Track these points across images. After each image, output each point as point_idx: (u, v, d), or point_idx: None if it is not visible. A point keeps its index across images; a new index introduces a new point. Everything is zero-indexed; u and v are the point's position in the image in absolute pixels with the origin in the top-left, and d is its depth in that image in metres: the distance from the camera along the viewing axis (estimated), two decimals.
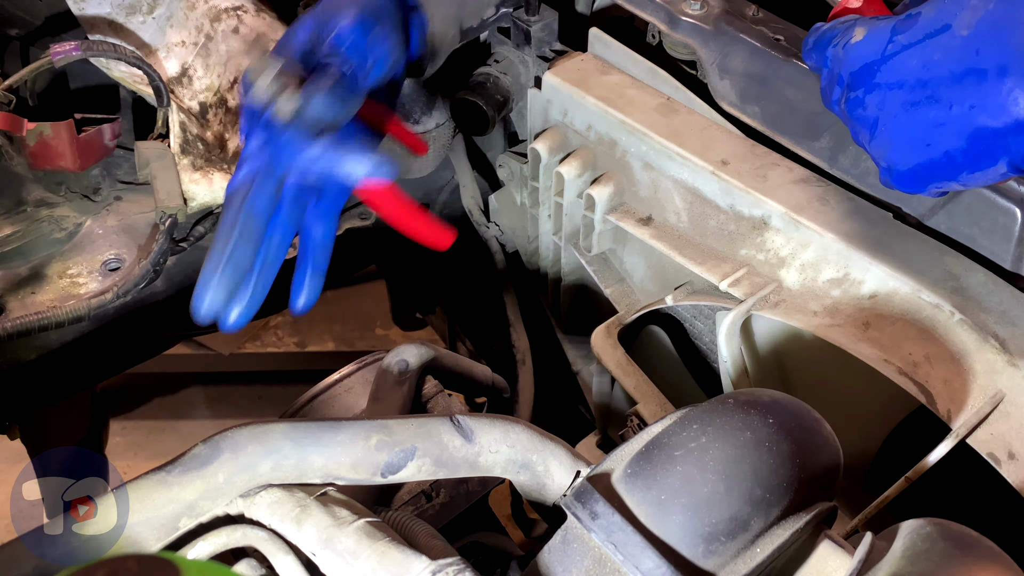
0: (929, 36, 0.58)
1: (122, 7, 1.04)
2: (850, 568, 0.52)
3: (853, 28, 0.65)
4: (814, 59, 0.71)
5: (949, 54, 0.57)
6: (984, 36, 0.56)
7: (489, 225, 1.27)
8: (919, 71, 0.59)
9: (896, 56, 0.60)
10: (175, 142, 1.04)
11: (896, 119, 0.61)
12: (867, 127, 0.64)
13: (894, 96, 0.61)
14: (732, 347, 0.87)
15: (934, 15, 0.59)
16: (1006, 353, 0.70)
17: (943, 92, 0.58)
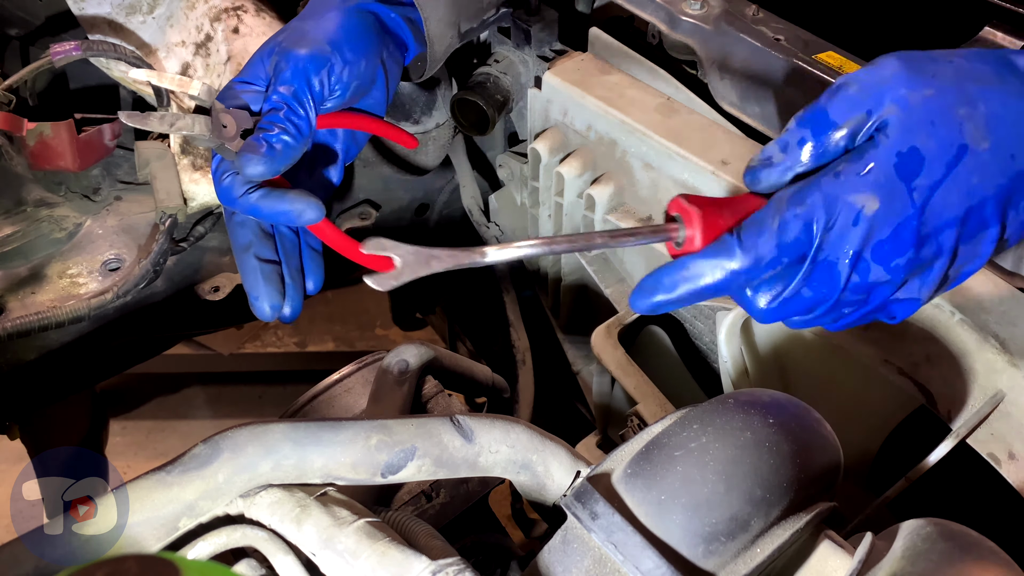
0: (951, 166, 0.53)
1: (122, 7, 1.04)
2: (850, 568, 0.52)
3: (844, 202, 0.53)
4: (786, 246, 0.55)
5: (987, 171, 0.53)
6: (1007, 141, 0.53)
7: (489, 225, 1.27)
8: (964, 202, 0.53)
9: (931, 200, 0.53)
10: (175, 142, 1.04)
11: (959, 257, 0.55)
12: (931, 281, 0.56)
13: (947, 236, 0.54)
14: (732, 347, 0.87)
15: (934, 144, 0.53)
16: (1006, 353, 0.70)
17: (996, 208, 0.54)
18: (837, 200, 0.54)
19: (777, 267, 0.55)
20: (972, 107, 0.54)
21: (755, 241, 0.55)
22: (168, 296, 1.07)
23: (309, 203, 0.70)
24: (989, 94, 0.54)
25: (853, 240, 0.53)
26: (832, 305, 0.56)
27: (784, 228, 0.54)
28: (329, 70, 0.73)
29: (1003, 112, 0.54)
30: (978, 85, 0.55)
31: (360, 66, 0.75)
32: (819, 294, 0.56)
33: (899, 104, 0.54)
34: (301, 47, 0.72)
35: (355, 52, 0.75)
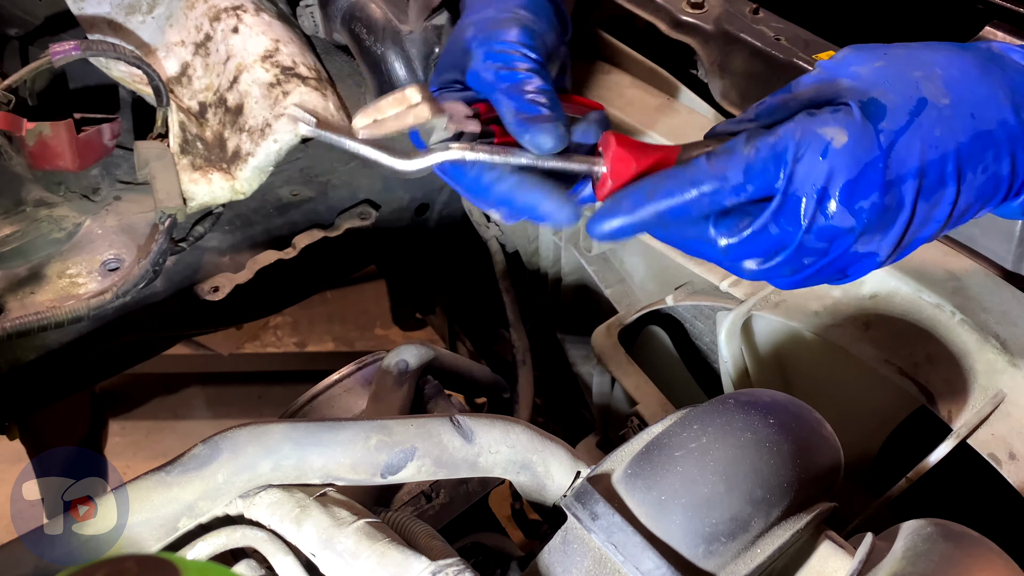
0: (913, 114, 0.54)
1: (121, 7, 1.04)
2: (851, 568, 0.52)
3: (814, 133, 0.53)
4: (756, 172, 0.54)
5: (948, 126, 0.54)
6: (967, 99, 0.54)
7: (489, 225, 1.27)
8: (924, 153, 0.53)
9: (896, 145, 0.53)
10: (174, 142, 1.03)
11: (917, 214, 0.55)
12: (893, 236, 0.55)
13: (908, 188, 0.54)
14: (732, 347, 0.87)
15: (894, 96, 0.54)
16: (1007, 353, 0.70)
17: (955, 165, 0.54)
18: (808, 132, 0.53)
19: (741, 195, 0.54)
20: (927, 70, 0.55)
21: (724, 163, 0.54)
22: (167, 296, 1.07)
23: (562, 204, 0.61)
24: (944, 61, 0.56)
25: (820, 174, 0.53)
26: (794, 251, 0.55)
27: (755, 154, 0.54)
28: (546, 37, 0.68)
29: (960, 76, 0.55)
30: (934, 55, 0.57)
31: (551, 37, 0.70)
32: (784, 233, 0.54)
33: (851, 76, 0.56)
34: (507, 28, 0.66)
35: (546, 23, 0.69)
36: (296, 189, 1.18)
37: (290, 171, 1.18)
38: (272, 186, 1.14)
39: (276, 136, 1.00)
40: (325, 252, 1.17)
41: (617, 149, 0.57)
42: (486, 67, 0.64)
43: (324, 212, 1.18)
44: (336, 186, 1.19)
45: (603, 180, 0.58)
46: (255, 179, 1.03)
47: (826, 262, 0.56)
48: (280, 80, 1.02)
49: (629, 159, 0.57)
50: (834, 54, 0.59)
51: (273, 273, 1.10)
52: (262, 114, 1.01)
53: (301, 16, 1.11)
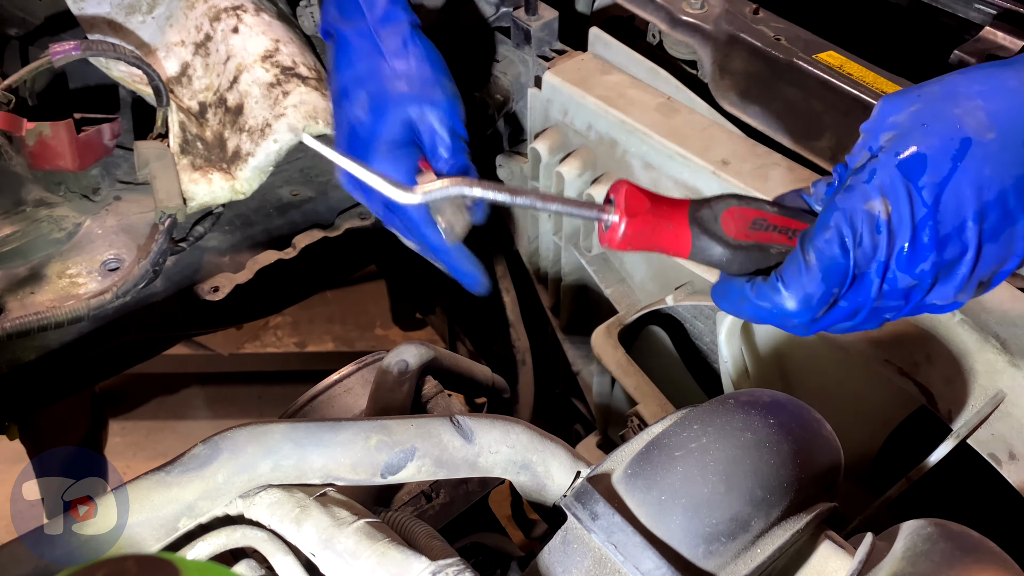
0: (957, 159, 0.52)
1: (121, 7, 1.04)
2: (851, 568, 0.52)
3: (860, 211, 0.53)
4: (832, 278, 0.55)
5: (999, 161, 0.52)
6: (1016, 127, 0.52)
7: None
8: (979, 195, 0.52)
9: (943, 198, 0.52)
10: (174, 142, 1.03)
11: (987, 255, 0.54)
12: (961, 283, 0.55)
13: (970, 234, 0.53)
14: (732, 347, 0.87)
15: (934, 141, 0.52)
16: (1007, 353, 0.70)
17: (1019, 197, 0.52)
18: (855, 212, 0.53)
19: (828, 302, 0.55)
20: (967, 104, 0.53)
21: (799, 281, 0.55)
22: (167, 296, 1.07)
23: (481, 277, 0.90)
24: (985, 89, 0.54)
25: (881, 249, 0.53)
26: (870, 311, 0.56)
27: (820, 256, 0.54)
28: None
29: (1003, 105, 0.53)
30: (971, 87, 0.54)
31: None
32: (854, 303, 0.56)
33: (890, 128, 0.55)
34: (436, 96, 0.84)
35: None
36: (296, 189, 1.18)
37: (290, 171, 1.18)
38: (272, 186, 1.14)
39: (276, 136, 1.00)
40: (325, 252, 1.17)
41: (630, 188, 0.57)
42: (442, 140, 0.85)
43: (324, 212, 1.18)
44: (336, 186, 1.19)
45: (613, 228, 0.57)
46: (255, 179, 1.03)
47: (907, 311, 0.57)
48: (280, 80, 1.02)
49: (643, 198, 0.57)
50: (874, 109, 0.57)
51: (273, 273, 1.10)
52: (262, 114, 1.01)
53: (301, 16, 1.11)
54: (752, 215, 0.59)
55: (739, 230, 0.58)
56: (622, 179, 0.59)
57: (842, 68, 0.82)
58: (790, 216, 0.59)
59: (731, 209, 0.58)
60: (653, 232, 0.57)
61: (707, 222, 0.58)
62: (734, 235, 0.58)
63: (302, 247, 1.13)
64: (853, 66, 0.82)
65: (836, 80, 0.81)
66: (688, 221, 0.57)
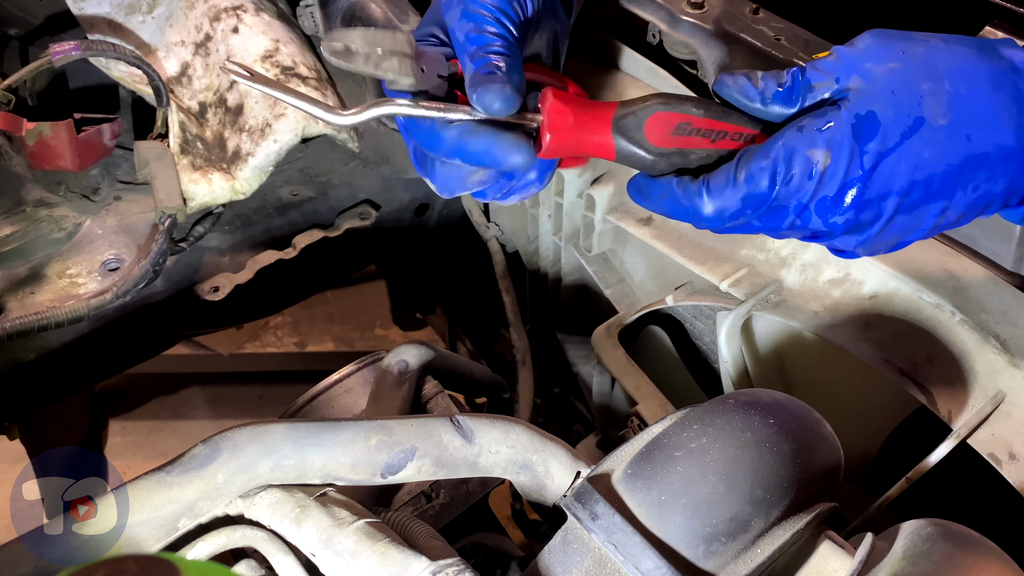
0: (905, 136, 0.55)
1: (121, 7, 1.04)
2: (851, 568, 0.52)
3: (801, 155, 0.56)
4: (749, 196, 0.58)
5: (940, 148, 0.55)
6: (966, 120, 0.55)
7: (489, 225, 1.27)
8: (911, 173, 0.56)
9: (879, 167, 0.55)
10: (174, 142, 1.03)
11: (897, 224, 0.57)
12: (866, 240, 0.59)
13: (889, 204, 0.56)
14: (732, 347, 0.87)
15: (891, 112, 0.55)
16: (1007, 353, 0.70)
17: (944, 185, 0.56)
18: (796, 153, 0.56)
19: (739, 218, 0.59)
20: (937, 83, 0.56)
21: (721, 192, 0.58)
22: (168, 296, 1.07)
23: (517, 144, 0.60)
24: (958, 74, 0.56)
25: (806, 191, 0.57)
26: (772, 231, 0.61)
27: (749, 181, 0.57)
28: (522, 3, 0.65)
29: (967, 93, 0.56)
30: (948, 64, 0.57)
31: (535, 4, 0.67)
32: (767, 227, 0.60)
33: (862, 75, 0.57)
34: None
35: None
36: (296, 189, 1.18)
37: (290, 171, 1.18)
38: (272, 186, 1.15)
39: (276, 136, 1.00)
40: (325, 252, 1.17)
41: (554, 102, 0.59)
42: (460, 26, 0.63)
43: (324, 212, 1.18)
44: (336, 186, 1.19)
45: (541, 133, 0.59)
46: (255, 179, 1.03)
47: (804, 238, 0.61)
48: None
49: (566, 111, 0.59)
50: (856, 39, 0.60)
51: (273, 273, 1.11)
52: (262, 114, 1.01)
53: (301, 16, 1.11)
54: (676, 119, 0.60)
55: (662, 136, 0.60)
56: (549, 89, 0.60)
57: None
58: (716, 117, 0.60)
59: (656, 115, 0.60)
60: (578, 143, 0.60)
61: (631, 130, 0.60)
62: (656, 142, 0.60)
63: (302, 247, 1.13)
64: None
65: None
66: (611, 130, 0.60)
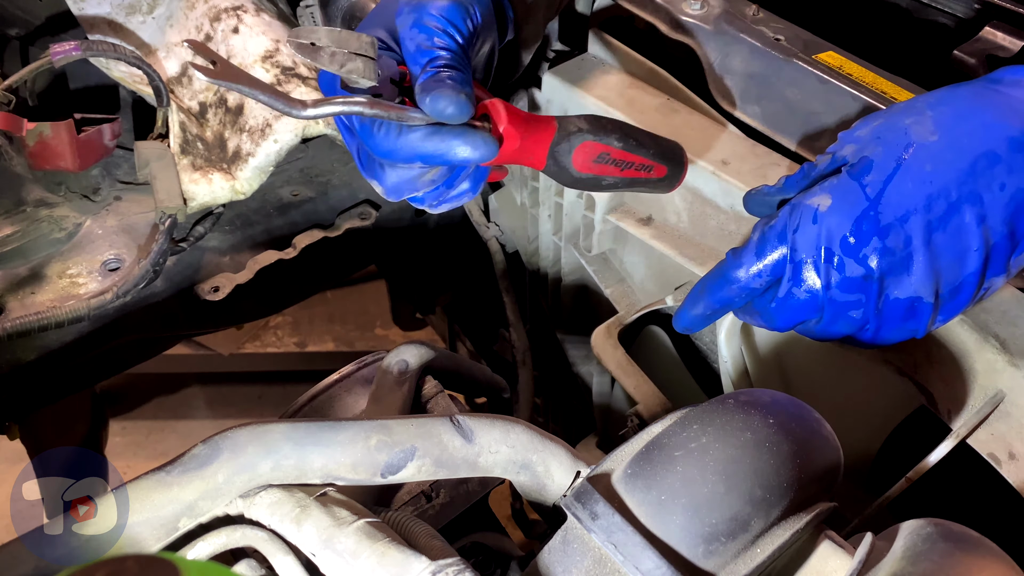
0: (900, 160, 0.56)
1: (122, 7, 1.04)
2: (850, 568, 0.52)
3: (803, 205, 0.59)
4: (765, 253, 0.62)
5: (941, 159, 0.56)
6: (957, 130, 0.57)
7: (489, 225, 1.27)
8: (921, 188, 0.56)
9: (885, 192, 0.56)
10: (175, 142, 1.04)
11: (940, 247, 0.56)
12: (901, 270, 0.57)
13: (915, 224, 0.56)
14: (732, 347, 0.87)
15: (881, 148, 0.58)
16: (1006, 353, 0.70)
17: (962, 190, 0.56)
18: (798, 206, 0.60)
19: (763, 276, 0.62)
20: (918, 115, 0.59)
21: (740, 252, 0.64)
22: (168, 296, 1.07)
23: (484, 138, 0.61)
24: (936, 101, 0.60)
25: (819, 236, 0.58)
26: (829, 304, 0.60)
27: (761, 237, 0.62)
28: (473, 18, 0.66)
29: (951, 110, 0.58)
30: (927, 100, 0.60)
31: (488, 11, 0.68)
32: (810, 293, 0.60)
33: (853, 141, 0.62)
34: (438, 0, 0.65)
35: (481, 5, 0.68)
36: (296, 189, 1.18)
37: (290, 171, 1.18)
38: (272, 186, 1.15)
39: (276, 136, 1.00)
40: (325, 252, 1.17)
41: (507, 114, 0.64)
42: (411, 35, 0.64)
43: (324, 212, 1.18)
44: (336, 186, 1.19)
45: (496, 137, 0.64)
46: (255, 179, 1.04)
47: (873, 312, 0.59)
48: (280, 80, 1.02)
49: (519, 122, 0.64)
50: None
51: (273, 273, 1.11)
52: (262, 114, 1.01)
53: (301, 16, 1.11)
54: (600, 149, 0.68)
55: (584, 163, 0.68)
56: (498, 100, 0.64)
57: (842, 68, 0.82)
58: (629, 149, 0.69)
59: (585, 143, 0.67)
60: (521, 153, 0.65)
61: (562, 154, 0.67)
62: (579, 167, 0.68)
63: (302, 247, 1.13)
64: (853, 66, 0.82)
65: (836, 80, 0.81)
66: (548, 149, 0.66)
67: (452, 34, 0.64)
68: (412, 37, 0.63)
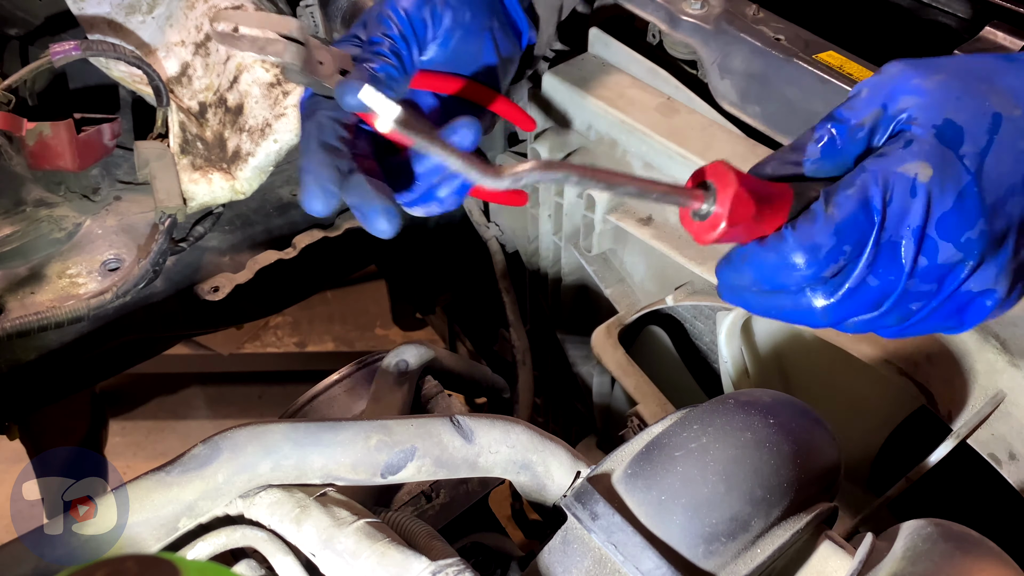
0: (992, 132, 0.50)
1: (121, 7, 1.04)
2: (851, 568, 0.52)
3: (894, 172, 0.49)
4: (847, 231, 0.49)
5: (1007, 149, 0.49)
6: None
7: (489, 225, 1.27)
8: (1019, 165, 0.49)
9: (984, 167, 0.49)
10: (174, 142, 1.04)
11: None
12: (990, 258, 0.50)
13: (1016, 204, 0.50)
14: (732, 347, 0.87)
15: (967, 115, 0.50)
16: (1007, 353, 0.70)
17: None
18: (888, 173, 0.48)
19: (839, 258, 0.49)
20: (989, 83, 0.51)
21: (809, 230, 0.49)
22: (167, 296, 1.07)
23: (387, 209, 0.60)
24: (1001, 74, 0.52)
25: (916, 213, 0.48)
26: (899, 297, 0.50)
27: (839, 212, 0.48)
28: (432, 10, 0.65)
29: (1021, 85, 0.52)
30: (986, 68, 0.53)
31: (465, 16, 0.67)
32: (885, 282, 0.50)
33: (915, 92, 0.51)
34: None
35: (468, 11, 0.67)
36: (296, 189, 1.18)
37: (290, 171, 1.18)
38: (272, 186, 1.15)
39: (276, 136, 1.00)
40: (325, 252, 1.17)
41: (739, 189, 0.49)
42: (369, 26, 0.65)
43: None
44: None
45: (714, 221, 0.49)
46: (255, 179, 1.04)
47: (935, 305, 0.51)
48: (280, 80, 1.02)
49: (750, 204, 0.49)
50: (881, 70, 0.54)
51: (273, 273, 1.11)
52: (262, 114, 1.01)
53: (301, 16, 1.11)
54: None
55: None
56: (723, 165, 0.50)
57: (842, 68, 0.82)
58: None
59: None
60: (746, 238, 0.51)
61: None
62: None
63: (302, 247, 1.13)
64: (853, 66, 0.82)
65: (836, 80, 0.81)
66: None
67: (404, 30, 0.64)
68: (371, 27, 0.65)
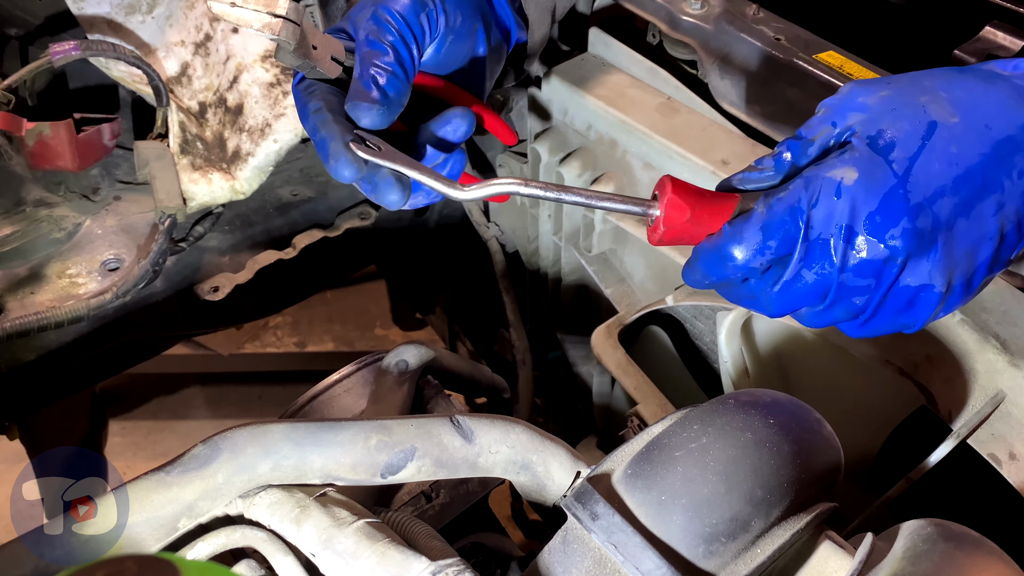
0: (925, 138, 0.54)
1: (121, 6, 1.04)
2: (851, 568, 0.52)
3: (822, 178, 0.54)
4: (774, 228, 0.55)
5: (964, 141, 0.54)
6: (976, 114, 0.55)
7: (489, 225, 1.27)
8: (948, 170, 0.53)
9: (913, 170, 0.53)
10: (174, 142, 1.03)
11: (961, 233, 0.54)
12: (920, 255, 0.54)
13: (943, 206, 0.53)
14: (732, 347, 0.87)
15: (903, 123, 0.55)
16: (1007, 353, 0.70)
17: (986, 175, 0.54)
18: (816, 178, 0.54)
19: (766, 252, 0.55)
20: (932, 95, 0.56)
21: (741, 227, 0.55)
22: (167, 296, 1.07)
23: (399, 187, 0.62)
24: (948, 85, 0.57)
25: (841, 212, 0.53)
26: (837, 289, 0.55)
27: (769, 211, 0.54)
28: (428, 13, 0.67)
29: (965, 95, 0.56)
30: (934, 82, 0.57)
31: (456, 20, 0.69)
32: (821, 275, 0.55)
33: (859, 108, 0.57)
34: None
35: (459, 10, 0.69)
36: (296, 189, 1.18)
37: (290, 171, 1.18)
38: (272, 186, 1.15)
39: (276, 136, 1.00)
40: (325, 252, 1.17)
41: (672, 196, 0.56)
42: (365, 27, 0.65)
43: (324, 212, 1.18)
44: (336, 186, 1.19)
45: (656, 224, 0.57)
46: (255, 179, 1.04)
47: (878, 299, 0.55)
48: (280, 80, 1.02)
49: (683, 207, 0.56)
50: (839, 90, 0.59)
51: (273, 273, 1.11)
52: (262, 114, 1.01)
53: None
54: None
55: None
56: (668, 178, 0.57)
57: (842, 68, 0.82)
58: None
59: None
60: (691, 238, 0.58)
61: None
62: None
63: (302, 247, 1.13)
64: (853, 66, 0.82)
65: (836, 80, 0.81)
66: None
67: (403, 32, 0.65)
68: (364, 27, 0.65)
